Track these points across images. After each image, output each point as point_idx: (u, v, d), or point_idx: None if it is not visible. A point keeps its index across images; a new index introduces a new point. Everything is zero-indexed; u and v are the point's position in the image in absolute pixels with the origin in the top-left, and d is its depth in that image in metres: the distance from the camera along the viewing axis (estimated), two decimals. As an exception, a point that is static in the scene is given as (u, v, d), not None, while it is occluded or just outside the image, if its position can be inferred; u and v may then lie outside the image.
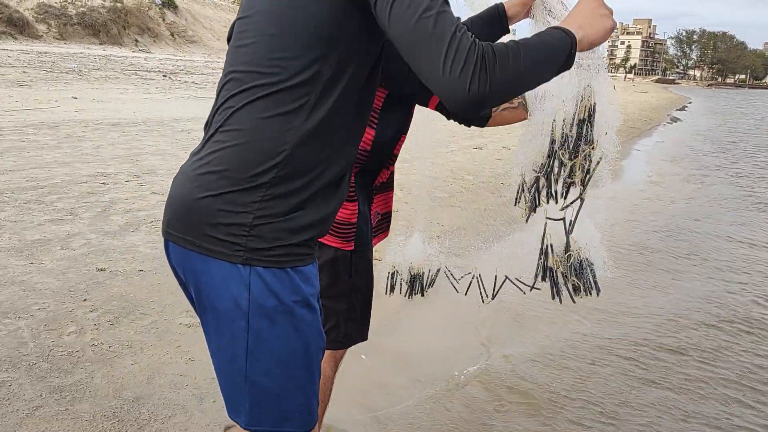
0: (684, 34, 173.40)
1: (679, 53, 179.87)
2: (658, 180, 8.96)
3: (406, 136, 1.82)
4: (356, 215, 1.72)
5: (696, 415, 2.68)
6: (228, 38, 1.25)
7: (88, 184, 5.50)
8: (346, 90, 1.11)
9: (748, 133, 18.70)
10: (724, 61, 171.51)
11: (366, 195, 1.79)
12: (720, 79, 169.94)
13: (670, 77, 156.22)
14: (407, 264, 2.13)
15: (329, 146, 1.12)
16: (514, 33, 1.65)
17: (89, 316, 3.00)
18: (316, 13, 1.06)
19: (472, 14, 1.69)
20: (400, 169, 1.83)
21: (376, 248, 1.92)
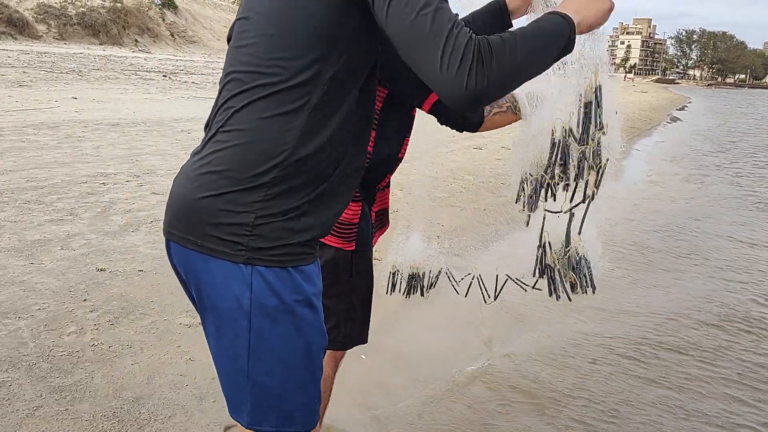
0: (684, 33, 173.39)
1: (678, 53, 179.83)
2: (658, 180, 8.96)
3: (409, 138, 1.82)
4: (359, 216, 1.71)
5: (696, 414, 2.68)
6: (228, 38, 1.25)
7: (88, 185, 5.50)
8: (347, 90, 1.11)
9: (748, 133, 18.71)
10: (724, 60, 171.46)
11: (369, 195, 1.78)
12: (720, 79, 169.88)
13: (670, 77, 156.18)
14: (407, 263, 2.13)
15: (330, 146, 1.12)
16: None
17: (89, 316, 3.00)
18: (315, 13, 1.06)
19: (471, 10, 1.67)
20: (400, 169, 1.83)
21: (376, 248, 1.92)
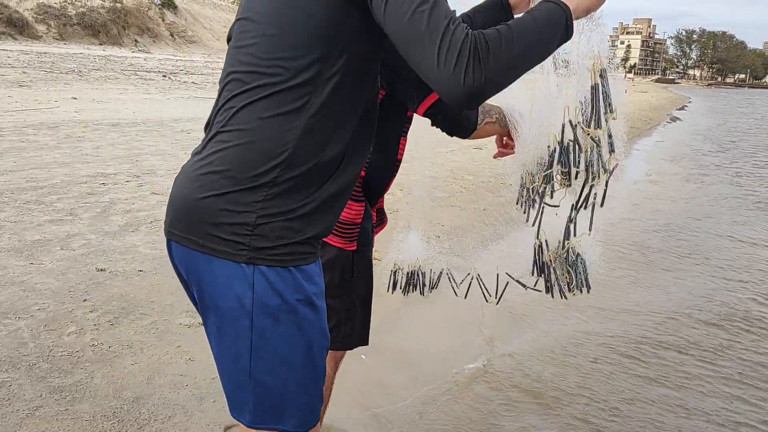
0: (684, 33, 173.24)
1: (678, 53, 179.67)
2: (658, 179, 8.96)
3: (407, 138, 1.81)
4: (361, 216, 1.71)
5: (697, 412, 2.68)
6: (228, 39, 1.24)
7: (88, 185, 5.50)
8: (347, 90, 1.11)
9: (748, 133, 18.71)
10: (724, 60, 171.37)
11: (374, 199, 1.78)
12: (720, 79, 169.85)
13: (670, 77, 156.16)
14: (407, 262, 2.13)
15: (331, 146, 1.11)
16: None
17: (89, 316, 3.00)
18: (315, 13, 1.06)
19: (471, 6, 1.66)
20: (400, 169, 1.83)
21: (376, 248, 1.91)
